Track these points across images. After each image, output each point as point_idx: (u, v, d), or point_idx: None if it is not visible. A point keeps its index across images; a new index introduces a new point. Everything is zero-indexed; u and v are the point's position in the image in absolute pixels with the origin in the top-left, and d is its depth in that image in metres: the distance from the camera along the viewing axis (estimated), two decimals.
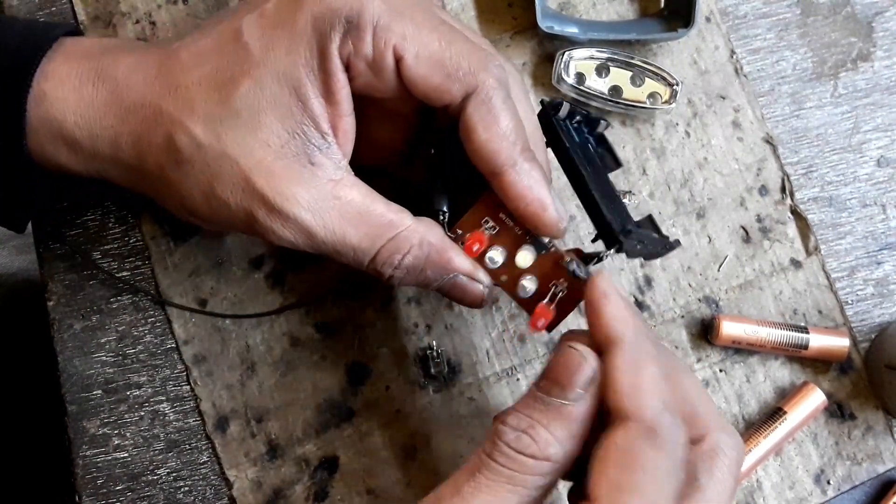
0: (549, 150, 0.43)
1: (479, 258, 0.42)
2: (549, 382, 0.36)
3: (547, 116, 0.42)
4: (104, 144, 0.41)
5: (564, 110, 0.42)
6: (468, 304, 0.43)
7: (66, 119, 0.40)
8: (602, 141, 0.46)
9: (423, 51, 0.39)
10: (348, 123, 0.40)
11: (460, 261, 0.41)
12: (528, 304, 0.42)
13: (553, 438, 0.35)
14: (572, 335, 0.39)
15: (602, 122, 0.45)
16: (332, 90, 0.39)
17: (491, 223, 0.42)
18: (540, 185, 0.40)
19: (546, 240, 0.42)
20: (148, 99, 0.40)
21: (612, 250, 0.40)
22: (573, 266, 0.41)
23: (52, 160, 0.42)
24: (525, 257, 0.41)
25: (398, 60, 0.39)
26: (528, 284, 0.41)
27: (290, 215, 0.39)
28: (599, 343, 0.37)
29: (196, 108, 0.39)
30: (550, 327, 0.41)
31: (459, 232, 0.42)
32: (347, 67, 0.39)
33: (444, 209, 0.42)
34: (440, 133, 0.43)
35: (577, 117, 0.44)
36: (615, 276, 0.50)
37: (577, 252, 0.42)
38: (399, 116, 0.44)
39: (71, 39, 0.43)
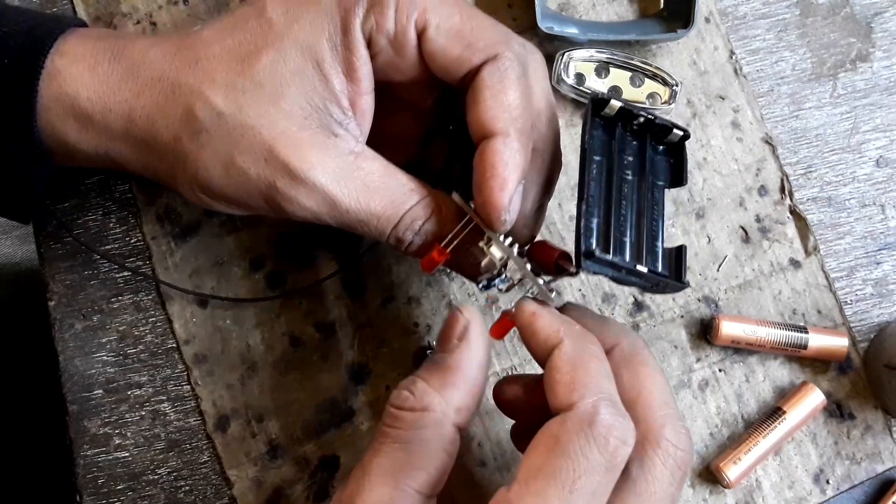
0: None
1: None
2: (437, 344, 0.38)
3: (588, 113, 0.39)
4: (117, 119, 0.40)
5: (613, 109, 0.40)
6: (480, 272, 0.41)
7: (79, 94, 0.40)
8: (673, 152, 0.42)
9: (444, 22, 0.39)
10: (367, 102, 0.41)
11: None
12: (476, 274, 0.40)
13: (430, 388, 0.36)
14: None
15: (676, 130, 0.40)
16: (353, 66, 0.39)
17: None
18: (514, 168, 0.39)
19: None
20: (166, 73, 0.40)
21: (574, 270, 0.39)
22: (495, 281, 0.40)
23: (62, 138, 0.41)
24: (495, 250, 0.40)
25: (420, 34, 0.39)
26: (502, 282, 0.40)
27: (315, 183, 0.38)
28: (542, 357, 0.37)
29: (217, 79, 0.39)
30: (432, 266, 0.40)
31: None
32: (369, 44, 0.40)
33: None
34: (458, 115, 0.42)
35: (640, 120, 0.40)
36: None
37: (563, 254, 0.40)
38: (416, 108, 0.45)
39: (84, 28, 0.43)
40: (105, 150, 0.41)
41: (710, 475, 0.49)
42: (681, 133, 0.41)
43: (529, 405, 0.40)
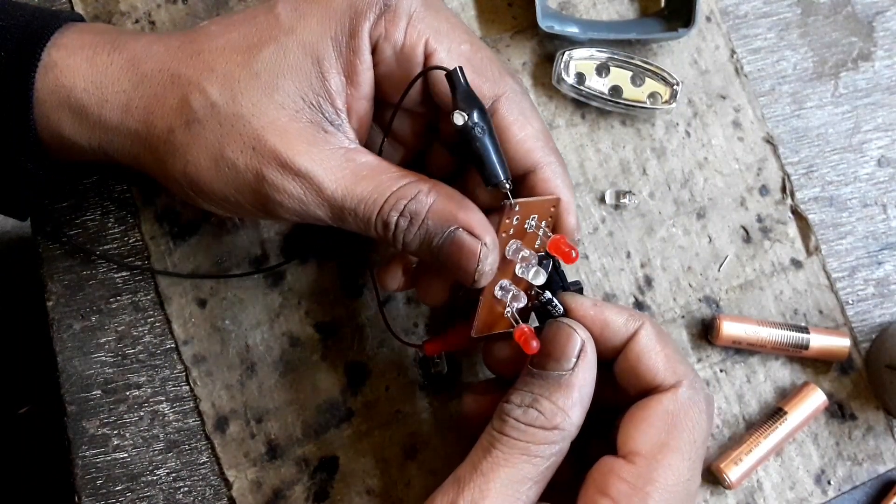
0: None
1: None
2: (543, 358, 0.39)
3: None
4: (113, 110, 0.40)
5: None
6: (464, 270, 0.39)
7: (75, 86, 0.40)
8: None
9: (455, 48, 0.40)
10: (364, 108, 0.41)
11: (464, 215, 0.39)
12: (490, 313, 0.41)
13: (557, 408, 0.38)
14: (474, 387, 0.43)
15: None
16: (355, 70, 0.39)
17: (534, 222, 0.41)
18: (569, 188, 0.42)
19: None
20: (167, 65, 0.40)
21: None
22: (552, 300, 0.41)
23: (56, 131, 0.41)
24: (538, 277, 0.40)
25: (428, 56, 0.39)
26: (521, 299, 0.41)
27: (301, 168, 0.38)
28: (616, 341, 0.40)
29: (216, 69, 0.39)
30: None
31: (517, 208, 0.39)
32: (374, 51, 0.39)
33: (506, 179, 0.39)
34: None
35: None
36: (615, 275, 0.50)
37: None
38: (413, 114, 0.44)
39: (84, 23, 0.43)
40: (99, 142, 0.41)
41: (711, 476, 0.49)
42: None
43: (489, 407, 0.41)
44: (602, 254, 0.50)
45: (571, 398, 0.38)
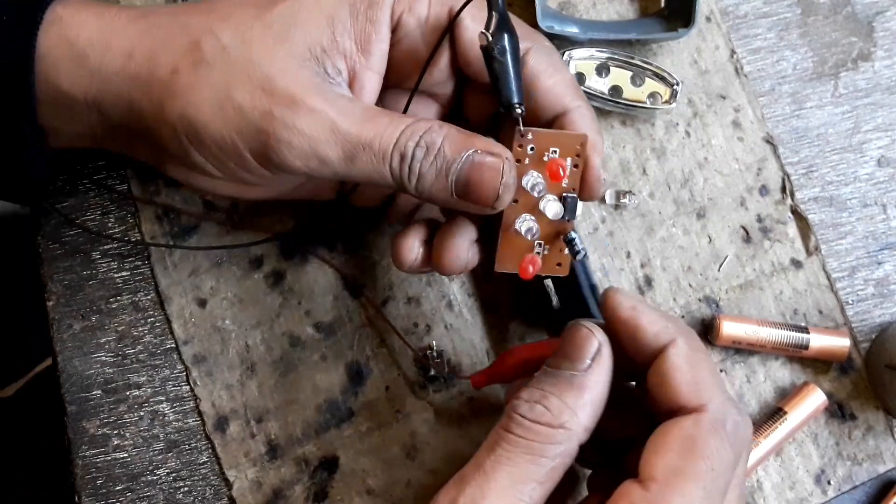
0: None
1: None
2: (559, 358, 0.38)
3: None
4: (115, 57, 0.40)
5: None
6: (485, 191, 0.39)
7: (79, 37, 0.40)
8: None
9: (479, 14, 0.39)
10: (372, 80, 0.41)
11: (480, 140, 0.39)
12: (512, 243, 0.41)
13: (566, 406, 0.37)
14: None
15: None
16: (368, 39, 0.39)
17: (555, 155, 0.40)
18: (598, 132, 0.41)
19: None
20: (179, 17, 0.40)
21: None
22: (575, 239, 0.40)
23: (55, 84, 0.40)
24: (552, 208, 0.40)
25: (454, 25, 0.39)
26: (533, 224, 0.40)
27: (315, 106, 0.38)
28: (646, 352, 0.38)
29: (230, 18, 0.40)
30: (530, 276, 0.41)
31: (530, 137, 0.39)
32: (397, 26, 0.40)
33: (519, 102, 0.39)
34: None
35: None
36: (615, 275, 0.50)
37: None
38: (433, 97, 0.44)
39: None
40: (94, 94, 0.41)
41: None
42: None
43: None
44: (602, 254, 0.50)
45: (582, 398, 0.37)
